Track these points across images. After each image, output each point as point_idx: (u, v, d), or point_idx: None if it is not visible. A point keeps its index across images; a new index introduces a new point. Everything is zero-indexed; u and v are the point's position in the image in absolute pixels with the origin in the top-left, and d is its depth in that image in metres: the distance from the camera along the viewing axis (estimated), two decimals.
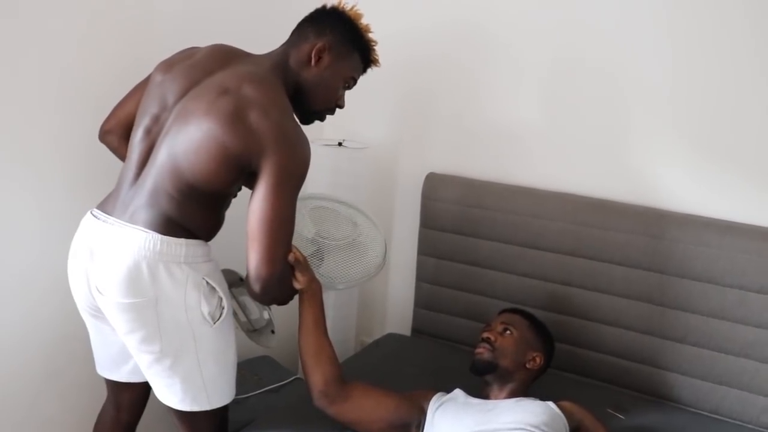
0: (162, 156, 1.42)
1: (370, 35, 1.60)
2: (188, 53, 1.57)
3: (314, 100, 1.58)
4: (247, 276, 1.41)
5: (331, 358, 1.59)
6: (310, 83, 1.55)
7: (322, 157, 2.30)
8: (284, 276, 1.48)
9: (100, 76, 1.79)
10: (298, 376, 2.43)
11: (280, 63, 1.53)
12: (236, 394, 1.63)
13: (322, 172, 2.28)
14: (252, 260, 1.37)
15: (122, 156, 1.61)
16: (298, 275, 1.54)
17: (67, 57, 1.73)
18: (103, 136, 1.66)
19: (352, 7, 1.58)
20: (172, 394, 1.51)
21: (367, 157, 2.36)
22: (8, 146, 1.66)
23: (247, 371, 2.24)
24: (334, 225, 1.83)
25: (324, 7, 1.58)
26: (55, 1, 1.67)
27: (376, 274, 1.84)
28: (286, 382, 2.25)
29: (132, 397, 1.73)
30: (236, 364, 1.60)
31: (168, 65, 1.54)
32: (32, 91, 1.68)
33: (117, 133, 1.62)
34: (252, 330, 1.71)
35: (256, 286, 1.39)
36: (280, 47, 1.58)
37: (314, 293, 1.59)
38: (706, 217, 1.90)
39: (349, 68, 1.59)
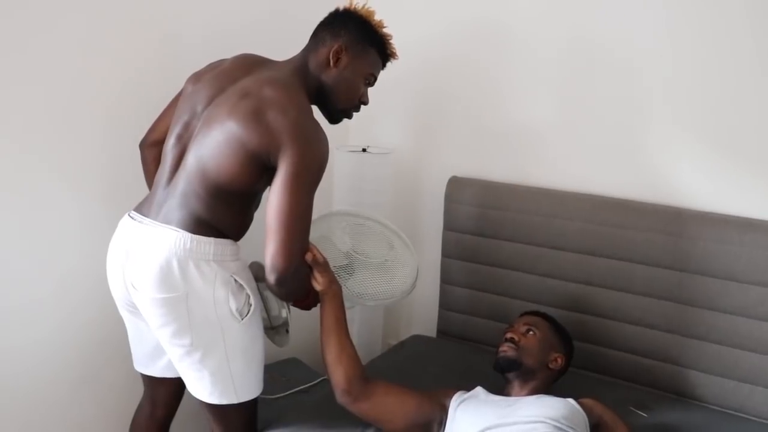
0: (191, 160, 1.50)
1: (385, 30, 1.64)
2: (216, 64, 1.66)
3: (338, 100, 1.63)
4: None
5: (352, 357, 1.62)
6: (332, 84, 1.60)
7: (347, 163, 2.35)
8: (300, 272, 1.53)
9: (136, 86, 1.87)
10: (325, 377, 2.47)
11: (300, 68, 1.60)
12: (265, 395, 1.67)
13: (348, 177, 2.34)
14: (268, 251, 1.43)
15: (151, 170, 1.70)
16: (318, 275, 1.58)
17: (102, 69, 1.81)
18: (148, 147, 1.73)
19: (364, 6, 1.63)
20: (201, 387, 1.57)
21: (390, 162, 2.40)
22: (49, 156, 1.74)
23: (276, 373, 2.29)
24: (370, 243, 1.86)
25: (337, 10, 1.64)
26: (92, 15, 1.76)
27: (402, 298, 1.87)
28: (313, 383, 2.29)
29: (166, 393, 1.80)
30: (264, 360, 1.65)
31: (197, 77, 1.63)
32: (71, 103, 1.76)
33: (160, 147, 1.67)
34: (270, 327, 1.75)
35: (271, 277, 1.44)
36: (299, 53, 1.64)
37: (334, 295, 1.63)
38: (726, 215, 1.90)
39: (368, 65, 1.64)
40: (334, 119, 1.69)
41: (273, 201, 1.42)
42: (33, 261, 1.77)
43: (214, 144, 1.47)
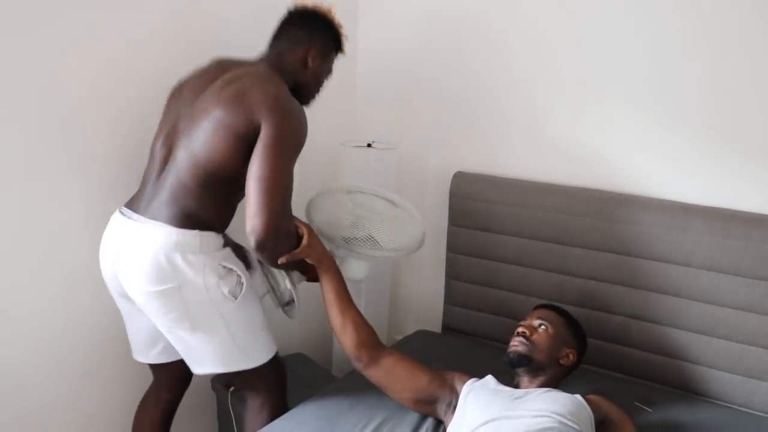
0: (181, 154, 1.56)
1: (342, 30, 1.79)
2: (194, 71, 1.71)
3: (309, 93, 1.79)
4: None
5: (357, 325, 1.69)
6: (308, 81, 1.75)
7: (352, 158, 2.36)
8: (285, 239, 1.58)
9: (142, 83, 1.88)
10: (331, 372, 2.49)
11: (276, 64, 1.69)
12: None
13: (353, 172, 2.34)
14: (247, 214, 1.47)
15: None
16: (307, 248, 1.63)
17: (109, 66, 1.81)
18: None
19: (329, 9, 1.75)
20: (212, 362, 1.64)
21: (396, 157, 2.41)
22: (56, 150, 1.76)
23: None
24: (374, 204, 1.94)
25: (306, 9, 1.74)
26: (101, 12, 1.77)
27: (415, 250, 1.93)
28: (319, 378, 2.30)
29: (169, 376, 1.86)
30: (266, 323, 1.72)
31: (181, 84, 1.70)
32: (77, 100, 1.77)
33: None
34: (280, 304, 1.80)
35: (250, 239, 1.48)
36: (272, 51, 1.73)
37: (328, 268, 1.70)
38: (732, 210, 1.89)
39: (331, 62, 1.81)
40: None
41: (253, 167, 1.48)
42: (37, 256, 1.78)
43: (204, 135, 1.53)
